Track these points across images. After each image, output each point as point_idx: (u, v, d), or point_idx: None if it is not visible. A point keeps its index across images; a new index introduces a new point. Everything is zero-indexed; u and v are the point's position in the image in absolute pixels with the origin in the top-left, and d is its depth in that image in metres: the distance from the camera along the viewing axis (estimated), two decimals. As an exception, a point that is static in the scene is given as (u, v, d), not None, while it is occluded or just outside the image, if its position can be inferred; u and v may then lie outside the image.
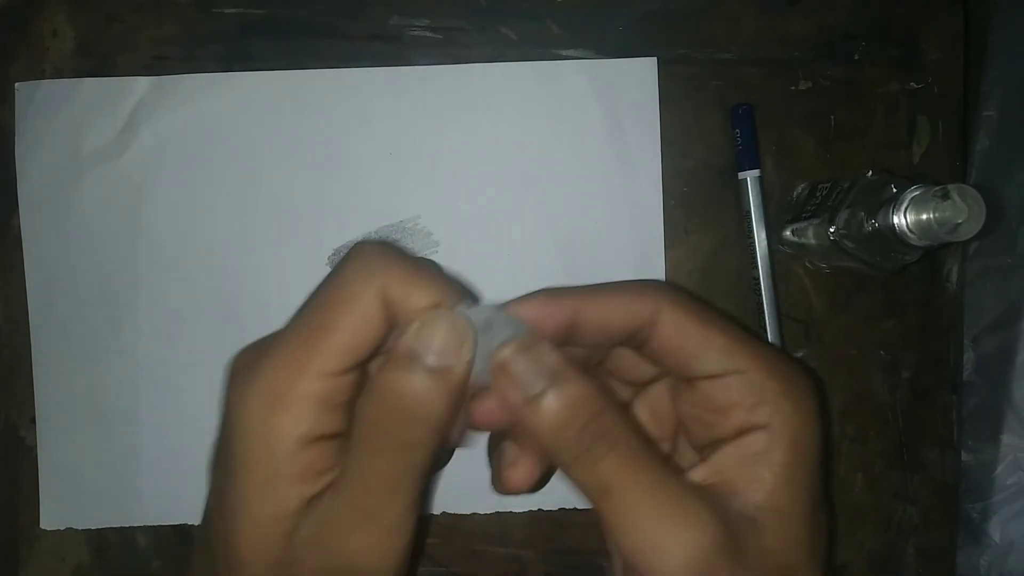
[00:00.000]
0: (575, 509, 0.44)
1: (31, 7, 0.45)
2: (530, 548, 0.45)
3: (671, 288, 0.30)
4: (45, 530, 0.45)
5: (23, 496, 0.45)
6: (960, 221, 0.32)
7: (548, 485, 0.44)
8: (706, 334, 0.29)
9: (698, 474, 0.29)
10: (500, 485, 0.31)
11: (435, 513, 0.45)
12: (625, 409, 0.32)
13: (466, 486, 0.44)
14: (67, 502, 0.45)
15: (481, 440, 0.32)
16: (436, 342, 0.27)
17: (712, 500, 0.27)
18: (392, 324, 0.28)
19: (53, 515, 0.45)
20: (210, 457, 0.29)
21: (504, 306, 0.28)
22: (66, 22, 0.45)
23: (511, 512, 0.45)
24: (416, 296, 0.27)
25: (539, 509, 0.45)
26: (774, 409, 0.28)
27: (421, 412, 0.27)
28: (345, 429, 0.28)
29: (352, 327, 0.27)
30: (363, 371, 0.29)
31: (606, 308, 0.29)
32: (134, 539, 0.45)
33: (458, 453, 0.44)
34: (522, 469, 0.30)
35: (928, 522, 0.45)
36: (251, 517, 0.27)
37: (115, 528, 0.45)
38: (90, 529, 0.45)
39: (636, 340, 0.30)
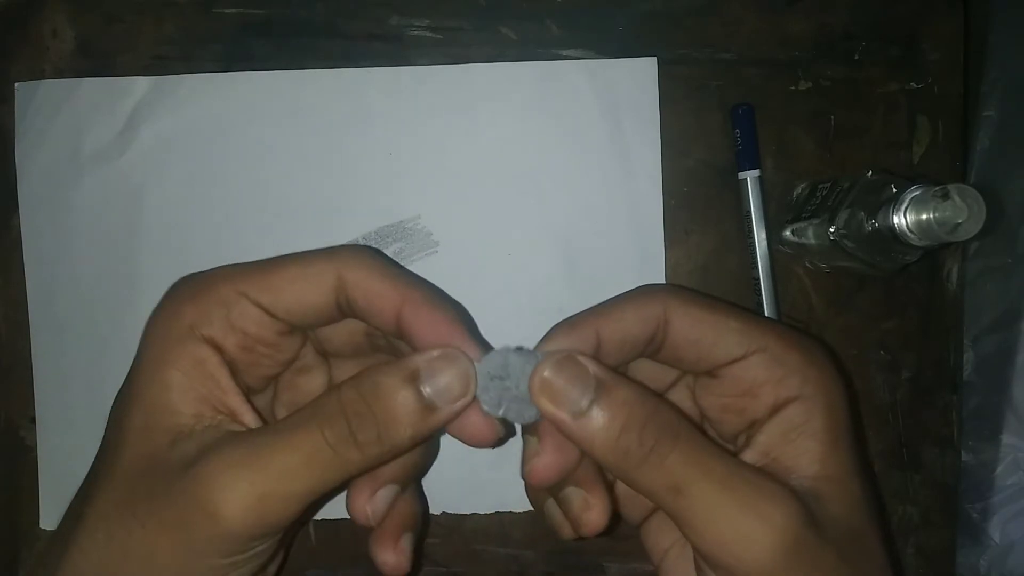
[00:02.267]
0: (575, 509, 0.44)
1: (31, 7, 0.45)
2: (530, 548, 0.45)
3: (673, 287, 0.30)
4: (45, 530, 0.45)
5: (23, 496, 0.45)
6: (960, 221, 0.32)
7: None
8: (720, 320, 0.29)
9: (746, 458, 0.28)
10: (526, 476, 0.30)
11: (435, 513, 0.45)
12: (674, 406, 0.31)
13: (466, 486, 0.44)
14: (67, 502, 0.45)
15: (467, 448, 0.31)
16: (441, 379, 0.27)
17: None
18: (344, 307, 0.29)
19: (53, 515, 0.45)
20: None
21: (521, 349, 0.28)
22: (66, 22, 0.45)
23: (511, 512, 0.45)
24: (376, 284, 0.28)
25: (539, 509, 0.45)
26: (803, 378, 0.28)
27: (389, 424, 0.26)
28: (242, 363, 0.29)
29: (292, 276, 0.28)
30: (294, 338, 0.30)
31: (622, 320, 0.29)
32: (134, 539, 0.45)
33: (457, 453, 0.44)
34: (547, 458, 0.29)
35: (928, 522, 0.45)
36: (139, 396, 0.28)
37: (115, 528, 0.45)
38: (90, 529, 0.45)
39: (653, 346, 0.29)
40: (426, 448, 0.32)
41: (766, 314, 0.43)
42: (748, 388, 0.29)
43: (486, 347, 0.29)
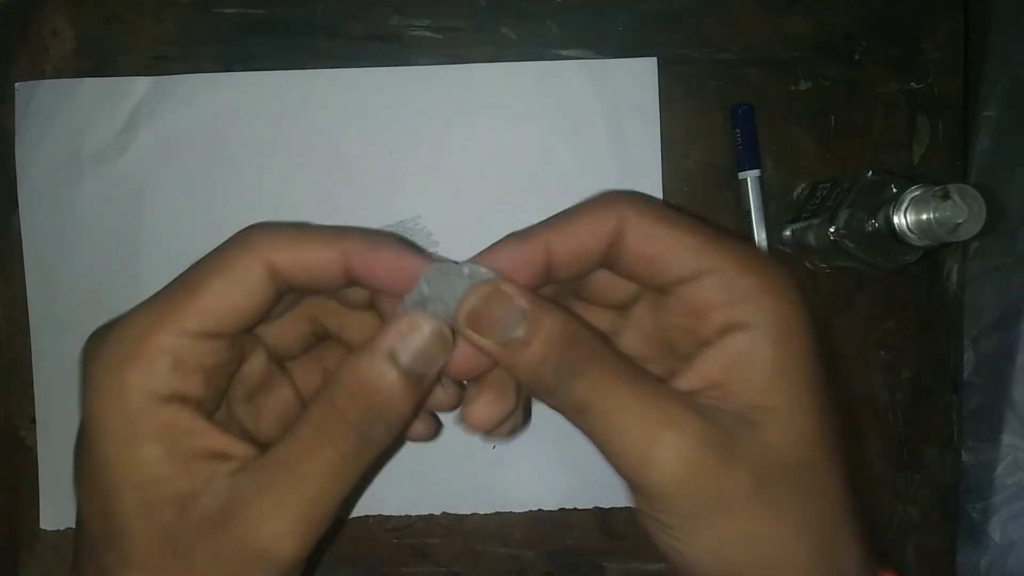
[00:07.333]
0: (575, 509, 0.44)
1: (31, 7, 0.45)
2: (530, 548, 0.45)
3: (636, 196, 0.29)
4: (45, 530, 0.45)
5: (23, 496, 0.45)
6: (960, 221, 0.32)
7: (548, 485, 0.45)
8: (675, 236, 0.28)
9: (684, 382, 0.27)
10: (465, 422, 0.30)
11: (435, 513, 0.45)
12: (598, 332, 0.30)
13: (466, 486, 0.44)
14: (67, 502, 0.45)
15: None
16: (419, 348, 0.27)
17: (697, 403, 0.26)
18: (284, 290, 0.28)
19: (53, 515, 0.45)
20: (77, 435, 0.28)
21: (470, 261, 0.28)
22: (66, 22, 0.45)
23: (511, 512, 0.45)
24: (309, 253, 0.27)
25: (539, 509, 0.45)
26: (755, 306, 0.27)
27: (388, 410, 0.26)
28: (206, 398, 0.27)
29: (220, 290, 0.27)
30: (238, 344, 0.28)
31: (574, 236, 0.28)
32: (134, 539, 0.45)
33: (458, 453, 0.44)
34: (482, 404, 0.29)
35: (928, 522, 0.45)
36: (123, 482, 0.26)
37: (115, 528, 0.45)
38: (90, 529, 0.45)
39: (610, 259, 0.29)
40: None
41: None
42: (697, 309, 0.28)
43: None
